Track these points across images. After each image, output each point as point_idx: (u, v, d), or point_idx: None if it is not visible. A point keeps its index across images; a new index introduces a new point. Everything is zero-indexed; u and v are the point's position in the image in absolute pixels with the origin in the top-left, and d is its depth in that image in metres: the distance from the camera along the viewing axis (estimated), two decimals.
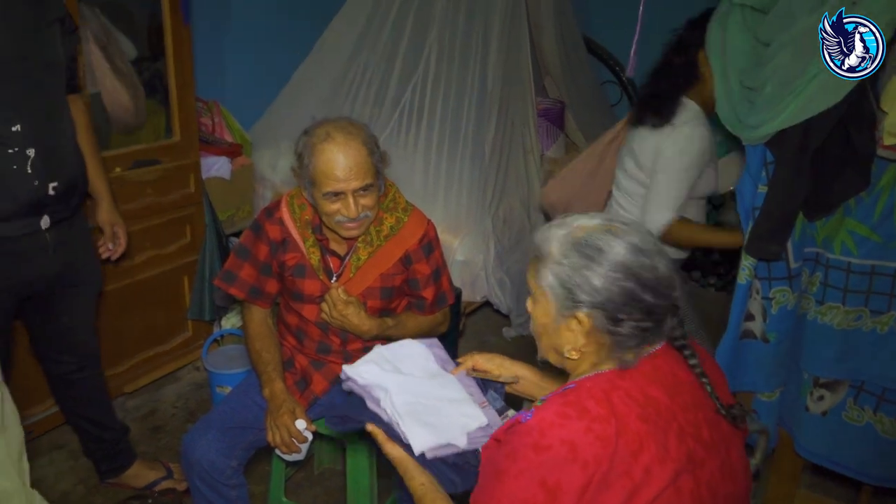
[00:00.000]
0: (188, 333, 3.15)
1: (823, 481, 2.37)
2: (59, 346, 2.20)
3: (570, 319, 1.16)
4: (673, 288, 1.14)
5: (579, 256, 1.13)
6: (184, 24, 2.85)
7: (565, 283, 1.14)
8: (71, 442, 2.61)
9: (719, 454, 1.16)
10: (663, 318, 1.14)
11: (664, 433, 1.08)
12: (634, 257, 1.12)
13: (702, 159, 2.15)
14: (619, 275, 1.11)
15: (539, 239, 1.21)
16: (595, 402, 1.08)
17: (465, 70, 3.57)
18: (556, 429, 1.06)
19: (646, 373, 1.14)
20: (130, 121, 2.87)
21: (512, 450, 1.08)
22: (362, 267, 1.89)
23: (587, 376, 1.16)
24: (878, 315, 1.91)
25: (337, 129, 1.77)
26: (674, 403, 1.12)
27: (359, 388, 1.44)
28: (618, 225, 1.16)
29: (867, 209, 1.86)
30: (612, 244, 1.13)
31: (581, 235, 1.15)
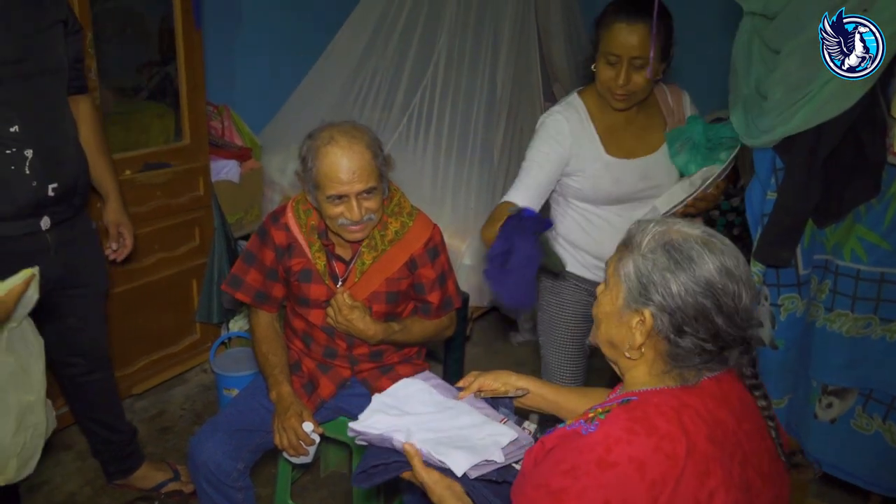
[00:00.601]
0: (196, 336, 3.17)
1: (832, 490, 2.36)
2: (69, 348, 2.21)
3: (634, 314, 1.12)
4: (749, 322, 1.10)
5: (667, 258, 1.10)
6: (195, 28, 2.87)
7: (643, 277, 1.11)
8: (78, 443, 2.62)
9: (775, 487, 1.13)
10: (728, 346, 1.10)
11: (730, 458, 1.05)
12: (722, 278, 1.07)
13: (550, 146, 1.95)
14: (700, 289, 1.07)
15: (634, 229, 1.18)
16: (665, 419, 1.04)
17: (475, 75, 3.57)
18: (624, 445, 1.01)
19: (713, 393, 1.10)
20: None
21: (572, 466, 1.03)
22: (367, 271, 1.90)
23: (652, 390, 1.12)
24: (888, 323, 1.91)
25: (340, 132, 1.78)
26: (740, 429, 1.09)
27: (375, 439, 1.38)
28: (717, 242, 1.11)
29: (877, 216, 1.86)
30: (705, 258, 1.08)
31: (676, 238, 1.11)
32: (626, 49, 1.81)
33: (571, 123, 1.96)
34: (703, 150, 1.91)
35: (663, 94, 2.05)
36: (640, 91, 1.88)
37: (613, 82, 1.85)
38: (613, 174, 1.97)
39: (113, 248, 2.26)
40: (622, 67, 1.83)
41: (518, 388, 1.49)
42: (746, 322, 1.09)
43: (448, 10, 3.61)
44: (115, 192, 2.23)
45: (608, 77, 1.87)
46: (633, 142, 2.00)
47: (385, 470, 1.35)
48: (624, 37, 1.80)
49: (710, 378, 1.11)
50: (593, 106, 1.99)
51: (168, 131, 3.03)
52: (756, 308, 1.12)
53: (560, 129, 1.96)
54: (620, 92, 1.87)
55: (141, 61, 3.11)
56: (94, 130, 2.15)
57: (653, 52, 1.80)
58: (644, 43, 1.80)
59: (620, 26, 1.80)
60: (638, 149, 2.00)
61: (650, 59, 1.81)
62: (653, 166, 1.99)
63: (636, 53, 1.81)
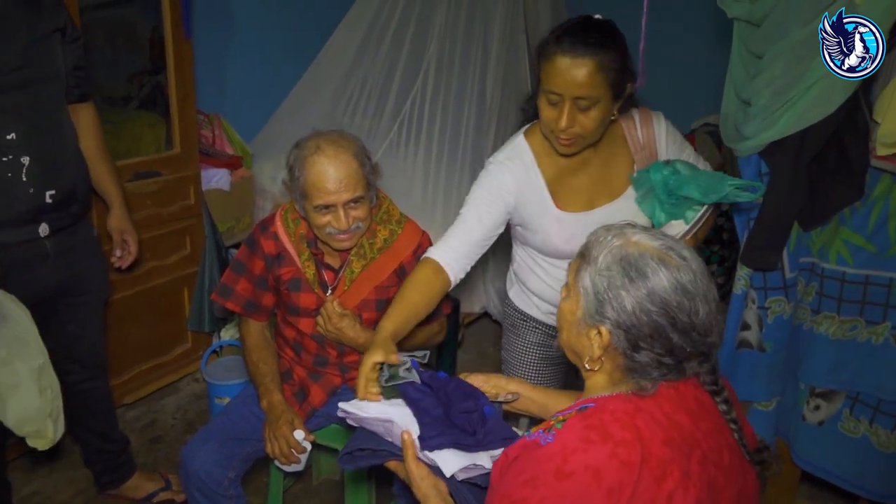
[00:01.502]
0: (188, 344, 3.17)
1: (821, 492, 2.37)
2: (67, 355, 2.20)
3: (591, 329, 1.13)
4: (707, 335, 1.09)
5: (621, 274, 1.09)
6: (185, 38, 2.88)
7: (599, 293, 1.11)
8: (71, 453, 2.62)
9: (738, 480, 1.14)
10: (686, 359, 1.10)
11: (687, 459, 1.05)
12: (676, 296, 1.07)
13: (491, 201, 1.70)
14: (654, 308, 1.07)
15: (591, 240, 1.18)
16: (619, 425, 1.04)
17: (464, 82, 3.60)
18: (580, 454, 1.01)
19: (669, 396, 1.11)
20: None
21: (532, 476, 1.03)
22: (357, 279, 1.90)
23: (608, 395, 1.13)
24: (873, 325, 1.92)
25: (327, 141, 1.79)
26: (697, 429, 1.09)
27: (365, 421, 1.39)
28: (674, 256, 1.10)
29: (862, 219, 1.87)
30: (659, 275, 1.08)
31: (632, 252, 1.10)
32: (568, 87, 1.51)
33: (516, 175, 1.70)
34: (667, 204, 1.64)
35: (631, 124, 1.74)
36: (590, 134, 1.58)
37: (555, 124, 1.56)
38: (567, 231, 1.71)
39: (117, 255, 2.26)
40: (564, 108, 1.53)
41: (509, 393, 1.49)
42: (704, 336, 1.09)
43: (437, 17, 3.64)
44: (118, 199, 2.23)
45: (549, 118, 1.57)
46: (590, 190, 1.72)
47: (372, 455, 1.36)
48: (566, 73, 1.50)
49: (667, 384, 1.12)
50: (540, 149, 1.71)
51: (159, 140, 3.04)
52: (715, 318, 1.10)
53: (502, 183, 1.70)
54: (564, 136, 1.58)
55: (132, 70, 3.12)
56: (96, 138, 2.15)
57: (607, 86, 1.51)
58: (591, 80, 1.50)
59: (562, 60, 1.50)
60: (598, 197, 1.73)
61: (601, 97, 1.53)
62: (615, 216, 1.64)
63: (581, 93, 1.50)
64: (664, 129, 1.74)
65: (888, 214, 1.84)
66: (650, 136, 1.72)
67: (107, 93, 3.05)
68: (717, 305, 1.12)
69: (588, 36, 1.50)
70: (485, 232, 1.71)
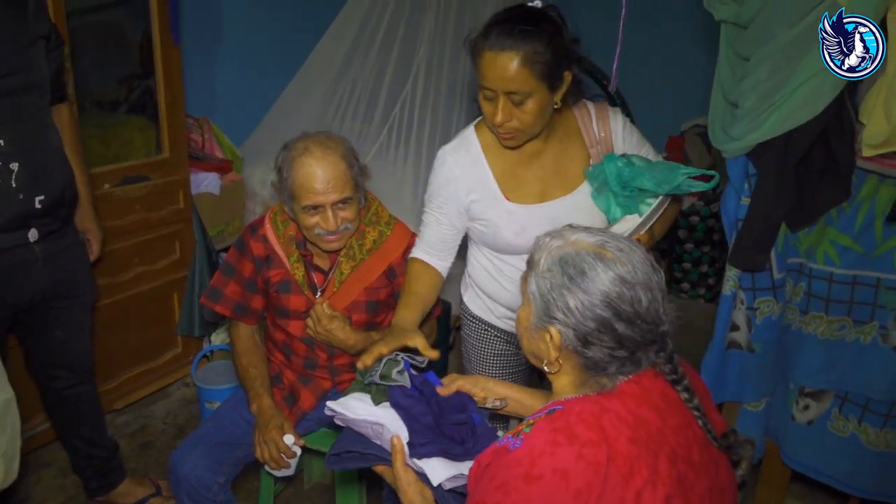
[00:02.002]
0: (178, 349, 3.15)
1: (811, 491, 2.38)
2: (54, 360, 2.20)
3: (543, 331, 1.16)
4: (656, 322, 1.11)
5: (561, 274, 1.12)
6: (174, 44, 2.87)
7: (544, 296, 1.14)
8: (59, 459, 2.60)
9: (709, 474, 1.15)
10: (637, 349, 1.12)
11: (655, 456, 1.06)
12: (616, 288, 1.09)
13: (444, 198, 1.72)
14: (596, 302, 1.09)
15: (534, 245, 1.20)
16: (585, 426, 1.05)
17: (454, 85, 3.60)
18: (547, 457, 1.03)
19: (635, 394, 1.12)
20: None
21: (502, 482, 1.05)
22: (346, 281, 1.90)
23: (574, 397, 1.14)
24: (861, 325, 1.93)
25: (315, 142, 1.79)
26: (665, 425, 1.11)
27: (352, 422, 1.39)
28: (612, 249, 1.13)
29: (848, 220, 1.89)
30: (598, 269, 1.10)
31: (570, 252, 1.13)
32: (498, 83, 1.48)
33: (462, 167, 1.69)
34: (621, 197, 1.59)
35: (587, 118, 1.69)
36: (529, 127, 1.55)
37: (493, 118, 1.54)
38: (517, 223, 1.68)
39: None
40: (498, 103, 1.50)
41: (497, 399, 1.49)
42: (652, 324, 1.11)
43: (426, 21, 3.65)
44: (85, 199, 2.21)
45: (487, 113, 1.55)
46: (543, 182, 1.69)
47: (359, 458, 1.36)
48: (493, 68, 1.47)
49: (629, 379, 1.13)
50: (489, 141, 1.69)
51: (149, 145, 3.03)
52: (662, 306, 1.12)
53: (450, 177, 1.70)
54: (502, 131, 1.56)
55: (122, 75, 3.11)
56: (70, 138, 2.14)
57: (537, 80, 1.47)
58: (519, 74, 1.46)
59: (489, 55, 1.47)
60: (549, 189, 1.69)
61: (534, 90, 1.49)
62: (569, 210, 1.65)
63: (511, 88, 1.47)
64: (621, 125, 1.71)
65: (874, 215, 1.86)
66: (606, 131, 1.69)
67: (96, 97, 3.04)
68: (662, 294, 1.13)
69: (513, 28, 1.46)
70: (448, 230, 1.75)
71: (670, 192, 1.56)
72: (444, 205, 1.73)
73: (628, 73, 3.48)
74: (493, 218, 1.70)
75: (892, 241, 1.86)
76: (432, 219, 1.75)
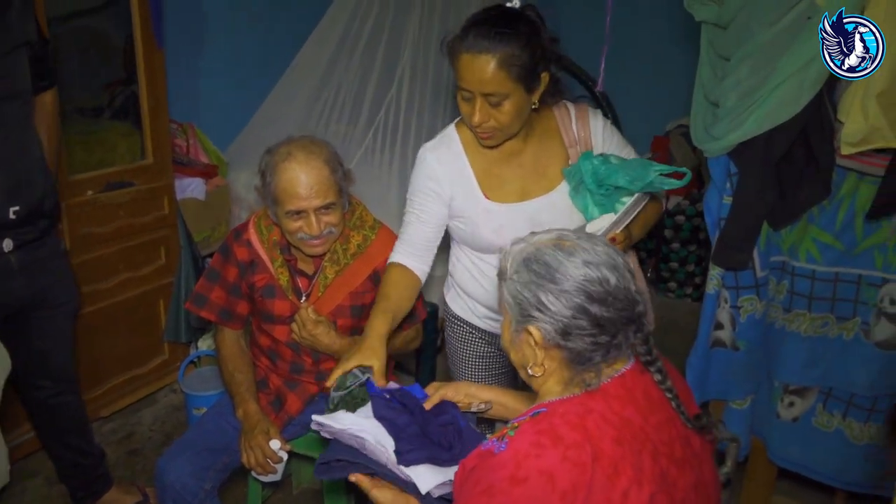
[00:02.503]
0: (164, 356, 3.14)
1: (798, 487, 2.39)
2: (36, 370, 2.18)
3: (523, 333, 1.16)
4: (628, 301, 1.12)
5: (529, 272, 1.14)
6: (157, 48, 2.86)
7: (517, 298, 1.16)
8: (45, 469, 2.58)
9: (693, 471, 1.16)
10: (618, 331, 1.13)
11: (638, 455, 1.07)
12: (580, 271, 1.11)
13: (426, 195, 1.72)
14: (566, 289, 1.11)
15: (501, 258, 1.23)
16: (569, 427, 1.06)
17: (439, 88, 3.60)
18: (532, 459, 1.03)
19: (618, 394, 1.13)
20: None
21: (488, 486, 1.05)
22: (331, 285, 1.90)
23: (559, 399, 1.15)
24: (844, 321, 1.95)
25: (298, 147, 1.79)
26: (647, 423, 1.12)
27: (339, 433, 1.38)
28: (568, 240, 1.16)
29: (829, 217, 1.90)
30: (560, 259, 1.13)
31: (531, 251, 1.16)
32: (475, 84, 1.49)
33: (443, 164, 1.70)
34: (597, 195, 1.60)
35: (566, 118, 1.70)
36: (507, 127, 1.57)
37: (471, 119, 1.55)
38: (495, 221, 1.68)
39: None
40: (476, 104, 1.52)
41: (481, 402, 1.50)
42: (624, 301, 1.12)
43: (411, 24, 3.64)
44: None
45: (465, 113, 1.57)
46: (522, 180, 1.69)
47: (348, 467, 1.35)
48: (470, 70, 1.48)
49: (613, 379, 1.14)
50: (470, 139, 1.70)
51: (133, 151, 3.02)
52: (632, 286, 1.14)
53: (431, 173, 1.71)
54: (481, 131, 1.58)
55: (105, 81, 3.10)
56: (48, 127, 2.11)
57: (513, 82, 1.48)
58: (495, 77, 1.47)
59: (465, 57, 1.48)
60: (529, 188, 1.69)
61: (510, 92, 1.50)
62: (547, 209, 1.67)
63: (488, 90, 1.49)
64: (601, 125, 1.71)
65: (855, 212, 1.87)
66: (586, 131, 1.69)
67: (79, 103, 3.02)
68: (631, 274, 1.15)
69: (490, 30, 1.47)
70: (429, 228, 1.74)
71: (644, 189, 1.57)
72: (426, 201, 1.72)
73: (613, 73, 3.50)
74: (472, 216, 1.71)
75: (872, 239, 1.88)
76: (413, 217, 1.74)
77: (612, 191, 1.58)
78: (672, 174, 1.54)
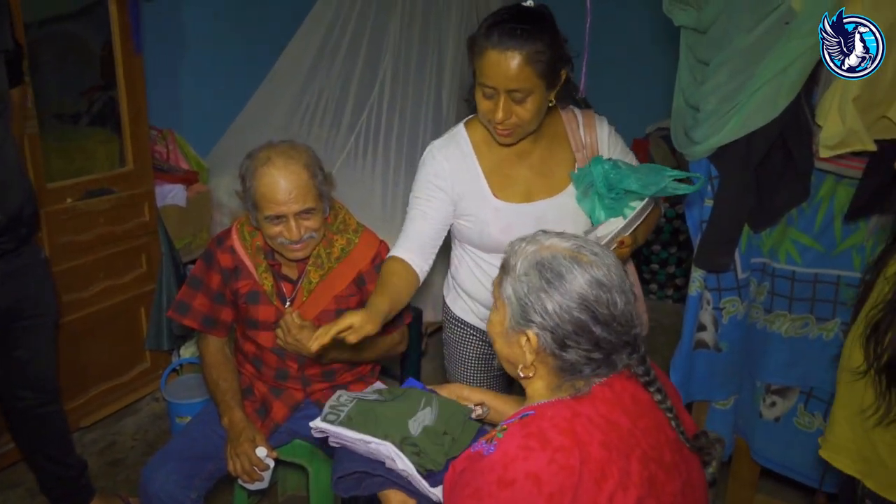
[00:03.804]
0: (146, 364, 3.11)
1: (781, 487, 2.42)
2: (17, 381, 2.15)
3: (520, 335, 1.16)
4: (630, 325, 1.13)
5: (539, 277, 1.13)
6: (135, 53, 2.84)
7: (521, 299, 1.15)
8: (27, 480, 2.54)
9: (680, 476, 1.16)
10: (613, 352, 1.14)
11: (626, 459, 1.08)
12: (593, 290, 1.11)
13: (431, 192, 1.74)
14: (573, 304, 1.10)
15: (508, 251, 1.22)
16: (558, 431, 1.06)
17: (420, 91, 3.61)
18: (520, 462, 1.04)
19: (606, 398, 1.13)
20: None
21: (476, 489, 1.06)
22: (315, 290, 1.89)
23: (547, 402, 1.15)
24: (824, 322, 1.98)
25: (277, 152, 1.78)
26: (636, 428, 1.12)
27: (343, 438, 1.38)
28: (587, 253, 1.15)
29: (808, 220, 1.93)
30: (574, 273, 1.12)
31: (546, 256, 1.15)
32: (500, 81, 1.52)
33: (452, 162, 1.72)
34: (607, 199, 1.62)
35: (574, 123, 1.74)
36: (528, 123, 1.60)
37: (492, 115, 1.57)
38: (503, 220, 1.70)
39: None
40: (499, 101, 1.55)
41: (477, 405, 1.50)
42: (626, 326, 1.13)
43: (392, 27, 3.65)
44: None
45: (486, 110, 1.59)
46: (529, 182, 1.72)
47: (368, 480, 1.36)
48: (496, 67, 1.51)
49: (601, 384, 1.15)
50: (479, 139, 1.73)
51: (112, 157, 2.99)
52: (635, 309, 1.15)
53: (439, 171, 1.72)
54: (502, 128, 1.60)
55: (83, 87, 3.06)
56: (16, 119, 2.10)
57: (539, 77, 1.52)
58: (522, 73, 1.50)
59: (492, 54, 1.51)
60: (536, 190, 1.72)
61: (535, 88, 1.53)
62: (554, 211, 1.69)
63: (514, 86, 1.52)
64: (607, 132, 1.75)
65: (833, 215, 1.90)
66: (592, 136, 1.73)
67: (56, 109, 2.99)
68: (634, 297, 1.16)
69: (516, 28, 1.50)
70: (433, 225, 1.74)
71: (656, 195, 1.59)
72: (432, 198, 1.73)
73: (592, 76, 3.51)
74: (480, 214, 1.72)
75: (850, 240, 1.91)
76: (418, 213, 1.75)
77: (622, 195, 1.60)
78: (685, 180, 1.56)
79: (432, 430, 1.39)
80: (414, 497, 1.35)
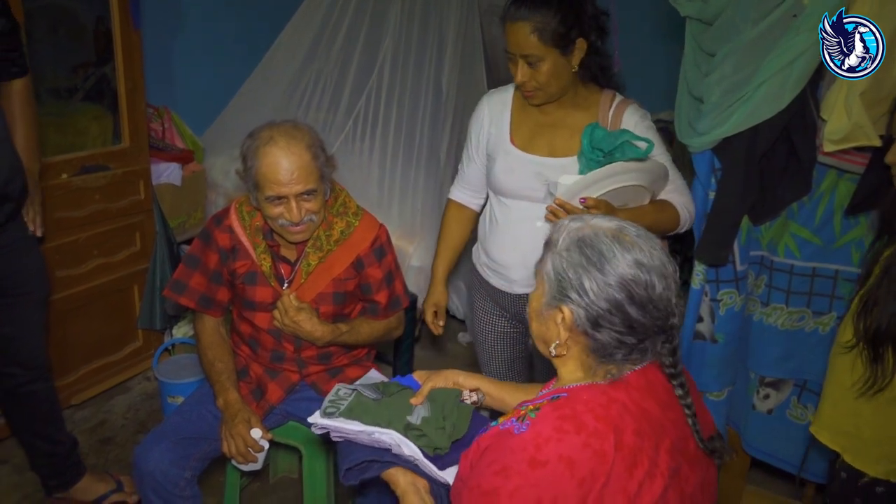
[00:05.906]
0: (138, 343, 3.09)
1: (770, 478, 2.44)
2: (6, 357, 2.13)
3: (555, 311, 1.15)
4: (668, 311, 1.11)
5: (579, 254, 1.12)
6: (133, 28, 2.80)
7: (560, 274, 1.14)
8: (15, 456, 2.53)
9: (701, 470, 1.17)
10: (647, 336, 1.12)
11: (656, 449, 1.08)
12: (633, 271, 1.10)
13: (475, 132, 2.00)
14: (612, 283, 1.09)
15: (553, 227, 1.21)
16: (593, 416, 1.06)
17: (420, 78, 3.58)
18: (553, 443, 1.03)
19: (640, 386, 1.13)
20: None
21: (503, 466, 1.05)
22: (313, 272, 1.88)
23: (581, 385, 1.14)
24: (820, 316, 1.98)
25: (280, 132, 1.76)
26: (665, 417, 1.12)
27: (345, 432, 1.38)
28: (630, 235, 1.14)
29: (809, 213, 1.93)
30: (616, 252, 1.11)
31: (589, 234, 1.14)
32: (514, 48, 1.74)
33: (492, 106, 1.96)
34: (589, 159, 1.72)
35: (608, 104, 1.86)
36: (549, 86, 1.77)
37: (515, 78, 1.80)
38: (509, 163, 1.89)
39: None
40: (518, 65, 1.76)
41: (472, 391, 1.50)
42: (662, 311, 1.11)
43: (392, 11, 3.62)
44: (30, 172, 2.10)
45: (513, 73, 1.80)
46: (548, 141, 1.87)
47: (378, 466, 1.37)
48: (511, 36, 1.74)
49: (634, 371, 1.14)
50: (521, 98, 1.92)
51: (106, 134, 2.95)
52: (674, 297, 1.13)
53: (480, 113, 1.98)
54: (524, 89, 1.80)
55: (76, 62, 3.02)
56: (21, 114, 2.06)
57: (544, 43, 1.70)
58: (528, 41, 1.71)
59: (508, 25, 1.74)
60: (552, 148, 1.86)
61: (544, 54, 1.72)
62: (553, 170, 1.81)
63: (525, 52, 1.72)
64: (636, 120, 1.83)
65: (834, 209, 1.91)
66: (618, 120, 1.84)
67: (50, 84, 2.95)
68: (676, 285, 1.14)
69: (524, 1, 1.71)
70: (480, 165, 2.01)
71: (615, 153, 1.68)
72: (478, 141, 1.99)
73: None
74: (495, 154, 1.93)
75: (850, 235, 1.91)
76: (467, 157, 2.05)
77: (602, 157, 1.70)
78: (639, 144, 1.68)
79: (432, 419, 1.39)
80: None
